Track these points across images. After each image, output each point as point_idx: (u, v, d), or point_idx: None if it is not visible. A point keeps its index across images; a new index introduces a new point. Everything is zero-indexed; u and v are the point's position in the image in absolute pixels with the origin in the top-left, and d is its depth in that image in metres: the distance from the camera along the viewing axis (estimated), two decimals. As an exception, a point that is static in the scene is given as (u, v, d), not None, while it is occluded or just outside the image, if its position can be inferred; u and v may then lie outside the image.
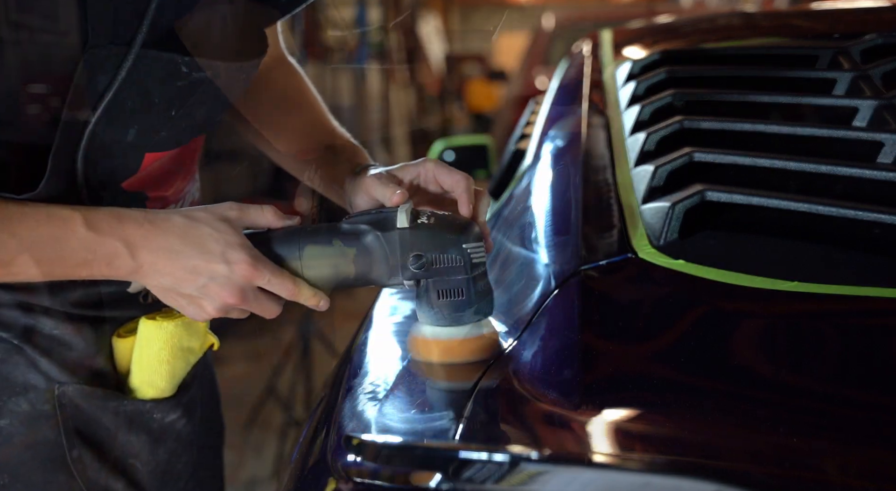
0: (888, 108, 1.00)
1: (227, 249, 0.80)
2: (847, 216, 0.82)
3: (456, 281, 0.82)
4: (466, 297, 0.82)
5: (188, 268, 0.80)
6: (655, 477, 0.55)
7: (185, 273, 0.80)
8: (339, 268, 0.84)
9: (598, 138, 1.12)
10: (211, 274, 0.80)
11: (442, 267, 0.82)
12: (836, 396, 0.63)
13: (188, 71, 0.85)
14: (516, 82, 6.02)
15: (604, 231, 0.91)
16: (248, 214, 0.83)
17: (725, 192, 0.87)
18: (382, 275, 0.84)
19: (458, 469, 0.58)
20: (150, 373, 0.92)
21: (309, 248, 0.83)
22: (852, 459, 0.56)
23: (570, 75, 1.46)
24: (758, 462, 0.56)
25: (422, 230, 0.83)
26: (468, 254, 0.83)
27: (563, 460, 0.59)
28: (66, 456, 0.89)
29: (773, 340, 0.71)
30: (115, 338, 0.92)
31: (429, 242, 0.82)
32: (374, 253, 0.83)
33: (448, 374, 0.81)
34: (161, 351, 0.91)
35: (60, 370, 0.89)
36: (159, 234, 0.79)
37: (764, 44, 1.42)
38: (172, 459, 0.97)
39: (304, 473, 0.76)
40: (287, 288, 0.82)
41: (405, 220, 0.83)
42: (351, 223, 0.85)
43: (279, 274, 0.82)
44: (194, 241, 0.80)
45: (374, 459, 0.66)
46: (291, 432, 2.90)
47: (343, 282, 0.85)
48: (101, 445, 0.91)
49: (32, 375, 0.88)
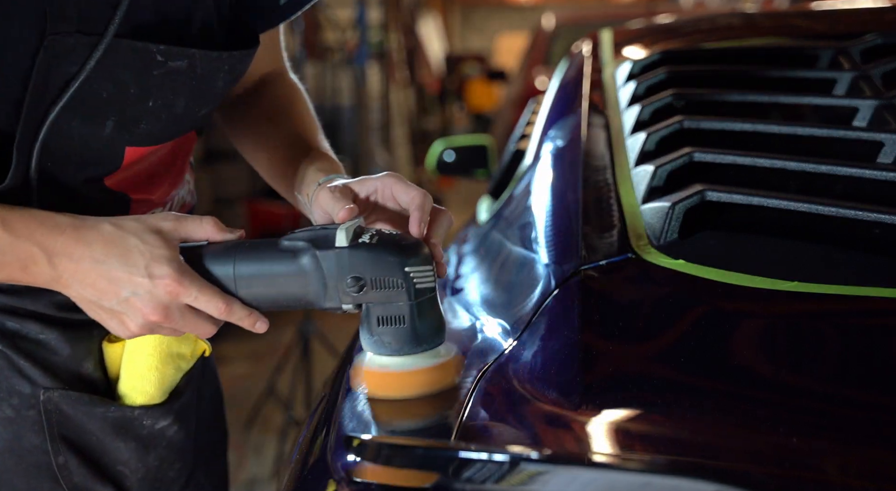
0: (888, 108, 1.00)
1: (151, 262, 0.75)
2: (847, 216, 0.82)
3: (397, 307, 0.75)
4: (408, 325, 0.75)
5: (110, 279, 0.75)
6: (655, 477, 0.55)
7: (106, 285, 0.76)
8: (274, 287, 0.78)
9: (598, 138, 1.12)
10: (133, 288, 0.75)
11: (382, 291, 0.75)
12: (836, 396, 0.63)
13: (164, 59, 0.82)
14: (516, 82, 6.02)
15: (604, 231, 0.91)
16: (183, 226, 0.78)
17: (725, 192, 0.87)
18: (319, 297, 0.77)
19: (458, 469, 0.58)
20: (139, 379, 0.91)
21: (243, 264, 0.77)
22: (852, 459, 0.56)
23: (570, 75, 1.46)
24: (758, 462, 0.56)
25: (361, 250, 0.75)
26: (411, 278, 0.75)
27: (563, 460, 0.59)
28: (51, 462, 0.88)
29: (773, 340, 0.71)
30: (105, 343, 0.91)
31: (368, 264, 0.75)
32: (311, 273, 0.76)
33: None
34: (150, 357, 0.90)
35: (46, 375, 0.87)
36: (82, 242, 0.75)
37: (764, 44, 1.42)
38: (164, 466, 0.95)
39: (304, 473, 0.76)
40: (216, 306, 0.76)
41: (344, 238, 0.76)
42: (290, 240, 0.78)
43: (207, 291, 0.76)
44: (119, 252, 0.75)
45: (374, 459, 0.66)
46: (291, 432, 2.90)
47: (278, 302, 0.79)
48: (88, 451, 0.90)
49: (16, 380, 0.86)
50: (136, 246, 0.76)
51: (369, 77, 6.91)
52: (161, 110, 0.85)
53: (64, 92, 0.79)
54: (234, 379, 3.57)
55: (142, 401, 0.92)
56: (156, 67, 0.82)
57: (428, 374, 0.75)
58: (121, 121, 0.83)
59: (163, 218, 0.78)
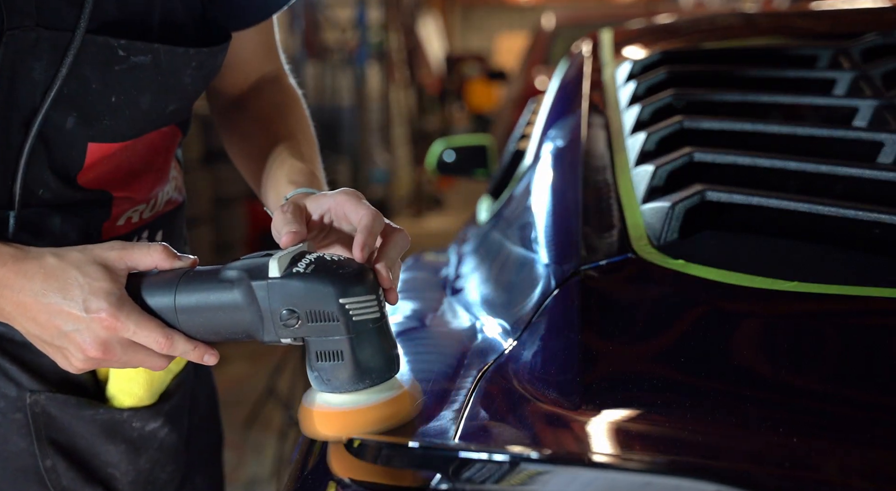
0: (888, 108, 1.00)
1: (89, 296, 0.72)
2: (847, 216, 0.82)
3: (333, 341, 0.70)
4: (347, 360, 0.70)
5: (50, 313, 0.73)
6: (655, 477, 0.55)
7: (47, 319, 0.73)
8: (214, 319, 0.74)
9: (598, 138, 1.12)
10: (73, 323, 0.73)
11: (317, 324, 0.70)
12: (836, 396, 0.63)
13: (125, 54, 0.81)
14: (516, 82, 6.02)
15: (604, 231, 0.90)
16: (130, 255, 0.75)
17: (725, 192, 0.87)
18: (257, 329, 0.72)
19: (458, 469, 0.58)
20: (127, 381, 0.90)
21: (184, 295, 0.73)
22: (852, 459, 0.56)
23: (570, 75, 1.46)
24: (758, 462, 0.56)
25: (294, 281, 0.70)
26: (347, 310, 0.69)
27: (563, 460, 0.59)
28: (38, 465, 0.87)
29: (773, 340, 0.71)
30: None
31: (300, 296, 0.70)
32: (246, 305, 0.72)
33: (445, 374, 0.81)
34: None
35: (32, 378, 0.86)
36: (22, 274, 0.73)
37: (764, 44, 1.42)
38: (156, 469, 0.94)
39: (304, 473, 0.76)
40: (156, 341, 0.73)
41: (276, 268, 0.70)
42: (230, 269, 0.73)
43: (147, 325, 0.73)
44: (58, 285, 0.73)
45: (374, 459, 0.66)
46: (291, 432, 2.90)
47: (220, 334, 0.75)
48: (76, 454, 0.89)
49: (2, 382, 0.86)
50: (75, 279, 0.73)
51: (369, 77, 6.91)
52: (125, 106, 0.84)
53: (48, 92, 0.78)
54: (233, 379, 3.57)
55: (130, 403, 0.91)
56: (118, 62, 0.81)
57: (375, 410, 0.70)
58: (82, 116, 0.82)
59: (109, 247, 0.76)
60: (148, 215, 0.97)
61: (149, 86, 0.85)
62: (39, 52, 0.77)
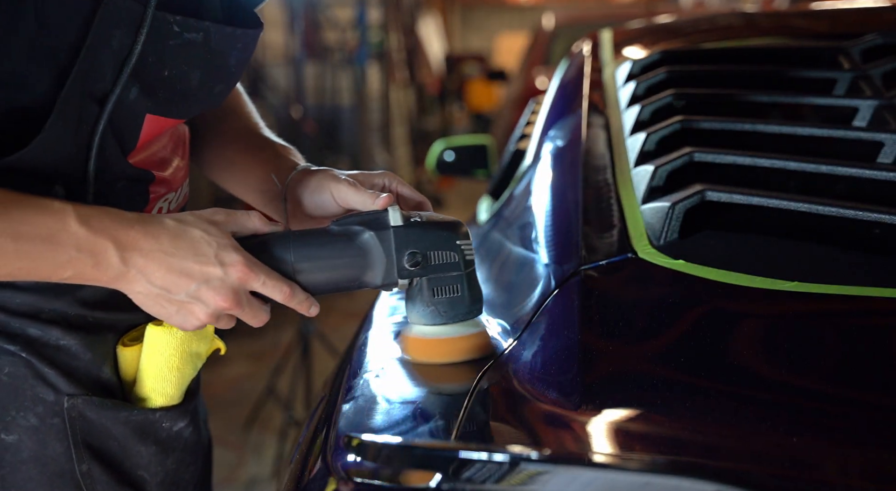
0: (888, 108, 1.00)
1: (220, 250, 0.78)
2: (847, 216, 0.82)
3: (451, 278, 0.83)
4: (462, 294, 0.83)
5: (181, 271, 0.77)
6: (655, 477, 0.55)
7: (177, 277, 0.77)
8: (334, 270, 0.82)
9: (598, 138, 1.12)
10: (205, 277, 0.77)
11: (437, 264, 0.82)
12: (836, 396, 0.63)
13: (179, 30, 0.82)
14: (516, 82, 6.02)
15: (604, 231, 0.90)
16: (235, 219, 0.82)
17: (725, 192, 0.87)
18: (377, 276, 0.82)
19: (457, 469, 0.58)
20: (160, 380, 0.90)
21: (300, 251, 0.82)
22: (852, 459, 0.56)
23: (570, 75, 1.46)
24: (758, 462, 0.56)
25: (416, 228, 0.82)
26: (462, 250, 0.83)
27: (563, 460, 0.59)
28: (74, 470, 0.87)
29: (773, 340, 0.71)
30: (120, 347, 0.90)
31: (423, 240, 0.82)
32: (369, 253, 0.82)
33: (444, 374, 0.81)
34: (171, 357, 0.89)
35: (69, 382, 0.86)
36: (150, 236, 0.76)
37: (764, 44, 1.42)
38: (181, 469, 0.94)
39: (304, 473, 0.76)
40: (282, 291, 0.80)
41: (399, 218, 0.82)
42: (341, 225, 0.83)
43: (273, 276, 0.80)
44: (187, 243, 0.77)
45: (374, 459, 0.66)
46: (291, 432, 2.91)
47: (337, 285, 0.83)
48: (109, 457, 0.89)
49: (41, 388, 0.85)
50: (201, 237, 0.78)
51: (369, 77, 6.91)
52: (176, 81, 0.86)
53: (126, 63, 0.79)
54: (234, 379, 3.57)
55: (162, 402, 0.91)
56: (172, 37, 0.83)
57: (480, 338, 0.83)
58: (143, 88, 0.83)
59: (214, 212, 0.82)
60: (174, 207, 0.98)
61: (199, 64, 0.87)
62: (121, 24, 0.78)
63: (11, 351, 0.83)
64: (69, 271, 0.76)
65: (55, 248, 0.73)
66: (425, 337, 0.83)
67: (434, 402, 0.75)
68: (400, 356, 0.87)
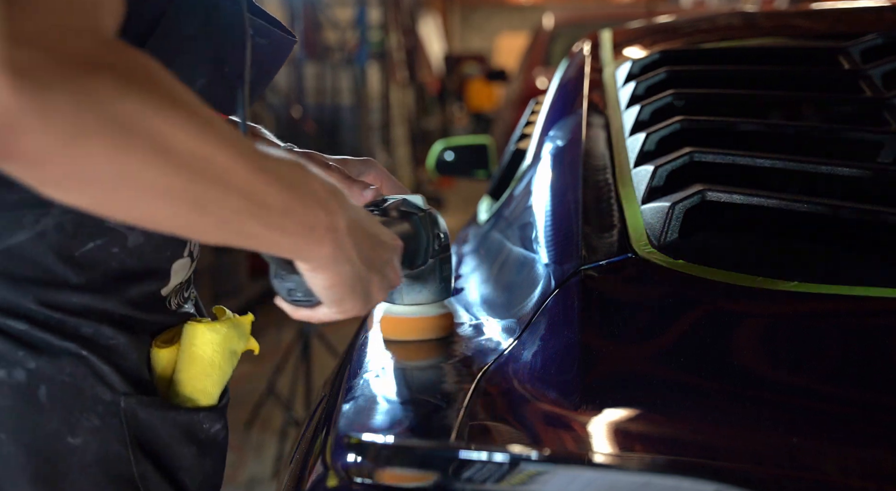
0: (888, 107, 1.00)
1: (384, 228, 0.76)
2: (847, 216, 0.82)
3: (448, 257, 0.89)
4: (436, 278, 0.88)
5: (376, 240, 0.72)
6: (655, 477, 0.55)
7: (373, 245, 0.71)
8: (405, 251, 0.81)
9: (598, 138, 1.12)
10: (392, 252, 0.74)
11: (445, 244, 0.88)
12: (836, 396, 0.63)
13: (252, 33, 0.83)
14: (516, 82, 6.02)
15: (604, 231, 0.91)
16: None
17: (725, 192, 0.87)
18: (416, 257, 0.84)
19: (457, 469, 0.58)
20: (203, 379, 0.87)
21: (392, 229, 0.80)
22: (852, 459, 0.56)
23: (570, 75, 1.46)
24: (758, 462, 0.56)
25: (434, 213, 0.86)
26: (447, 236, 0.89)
27: (563, 460, 0.59)
28: (132, 472, 0.83)
29: (773, 340, 0.71)
30: (155, 348, 0.87)
31: (437, 224, 0.86)
32: (420, 235, 0.84)
33: (445, 373, 0.81)
34: (214, 355, 0.86)
35: (123, 381, 0.82)
36: (348, 203, 0.68)
37: (764, 44, 1.42)
38: (215, 473, 0.91)
39: (304, 473, 0.76)
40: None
41: (423, 202, 0.85)
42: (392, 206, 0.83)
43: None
44: (372, 218, 0.73)
45: (374, 459, 0.66)
46: (291, 432, 2.90)
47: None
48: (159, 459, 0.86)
49: (100, 387, 0.81)
50: (373, 216, 0.76)
51: (369, 77, 6.91)
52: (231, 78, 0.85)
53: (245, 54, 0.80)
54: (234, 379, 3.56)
55: (205, 402, 0.88)
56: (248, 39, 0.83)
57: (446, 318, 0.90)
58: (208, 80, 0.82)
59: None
60: None
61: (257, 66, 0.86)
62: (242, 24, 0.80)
63: (71, 350, 0.80)
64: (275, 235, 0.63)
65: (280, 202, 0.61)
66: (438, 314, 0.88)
67: (434, 402, 0.75)
68: (402, 355, 0.87)
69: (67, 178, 0.53)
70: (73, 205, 0.56)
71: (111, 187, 0.54)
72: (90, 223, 0.78)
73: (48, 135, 0.50)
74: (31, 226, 0.75)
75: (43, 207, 0.75)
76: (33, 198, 0.69)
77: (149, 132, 0.53)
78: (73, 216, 0.77)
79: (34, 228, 0.76)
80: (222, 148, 0.57)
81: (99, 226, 0.79)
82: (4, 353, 0.77)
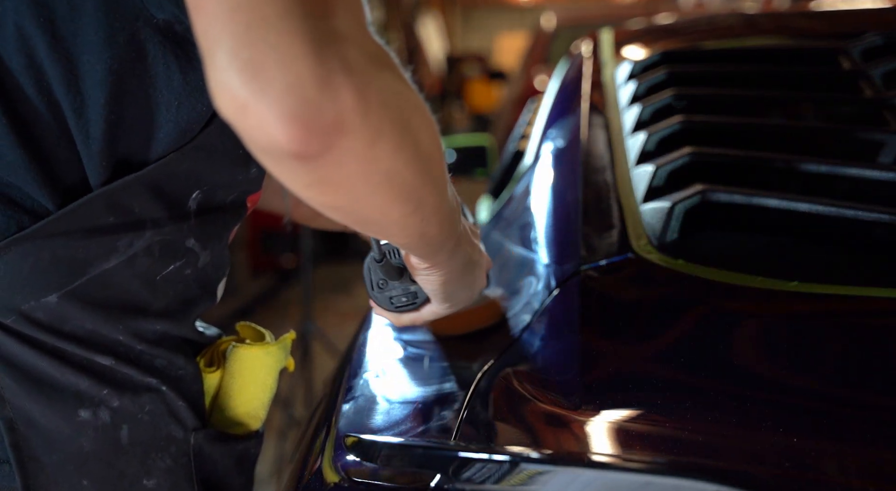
0: (888, 107, 1.00)
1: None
2: (847, 216, 0.82)
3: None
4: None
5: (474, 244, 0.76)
6: (655, 477, 0.55)
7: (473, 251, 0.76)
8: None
9: (598, 138, 1.12)
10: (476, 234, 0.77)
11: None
12: (836, 396, 0.63)
13: None
14: (516, 82, 6.02)
15: (604, 231, 0.90)
16: None
17: (726, 192, 0.87)
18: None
19: (457, 469, 0.58)
20: (255, 403, 0.83)
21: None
22: (852, 459, 0.56)
23: (570, 75, 1.46)
24: (758, 462, 0.56)
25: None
26: None
27: (563, 460, 0.59)
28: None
29: (773, 340, 0.71)
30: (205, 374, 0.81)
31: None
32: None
33: (445, 373, 0.82)
34: (267, 378, 0.83)
35: (192, 415, 0.77)
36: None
37: (764, 44, 1.42)
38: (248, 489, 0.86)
39: (304, 473, 0.76)
40: None
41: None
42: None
43: None
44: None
45: (374, 459, 0.66)
46: (291, 432, 2.90)
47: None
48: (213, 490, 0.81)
49: (173, 425, 0.76)
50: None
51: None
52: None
53: None
54: (234, 379, 3.57)
55: (255, 426, 0.84)
56: None
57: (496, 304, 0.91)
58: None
59: None
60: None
61: None
62: None
63: (152, 385, 0.75)
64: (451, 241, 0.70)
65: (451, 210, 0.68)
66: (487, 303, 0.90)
67: (434, 402, 0.75)
68: (402, 355, 0.87)
69: (349, 177, 0.51)
70: (324, 205, 0.54)
71: (375, 187, 0.52)
72: (174, 245, 0.74)
73: (363, 133, 0.48)
74: (125, 250, 0.71)
75: (138, 230, 0.71)
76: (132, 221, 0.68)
77: (414, 130, 0.53)
78: (161, 238, 0.73)
79: (126, 253, 0.71)
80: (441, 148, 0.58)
81: (180, 247, 0.75)
82: (88, 391, 0.71)
